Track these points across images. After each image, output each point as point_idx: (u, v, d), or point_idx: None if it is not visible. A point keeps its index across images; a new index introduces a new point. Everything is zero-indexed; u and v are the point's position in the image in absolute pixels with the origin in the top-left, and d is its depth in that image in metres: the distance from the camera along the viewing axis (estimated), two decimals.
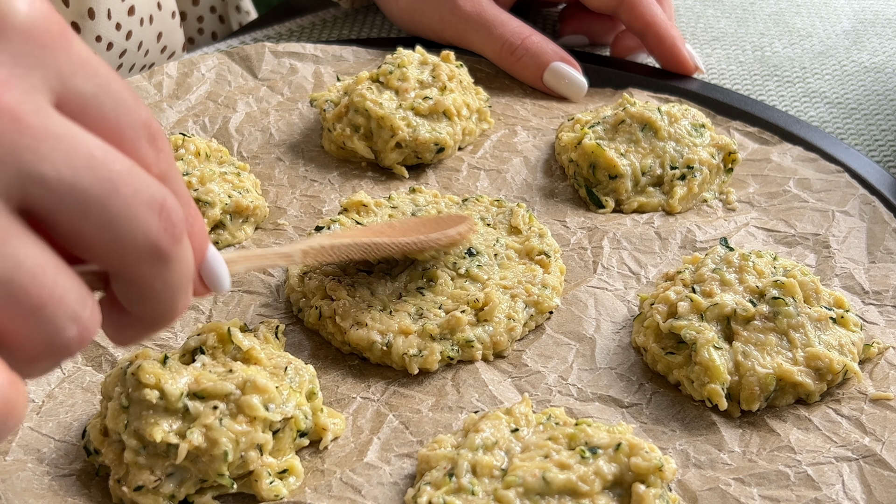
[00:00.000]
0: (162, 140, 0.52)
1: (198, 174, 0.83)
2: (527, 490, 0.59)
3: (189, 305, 0.54)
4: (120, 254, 0.48)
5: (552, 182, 0.90)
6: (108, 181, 0.47)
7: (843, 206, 0.86)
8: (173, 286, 0.51)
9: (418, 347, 0.72)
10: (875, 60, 1.12)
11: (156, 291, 0.50)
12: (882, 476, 0.65)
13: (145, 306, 0.51)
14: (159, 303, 0.51)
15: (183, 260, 0.51)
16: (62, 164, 0.46)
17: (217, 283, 0.56)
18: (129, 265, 0.49)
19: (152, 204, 0.48)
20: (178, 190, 0.53)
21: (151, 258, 0.49)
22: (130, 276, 0.50)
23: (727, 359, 0.69)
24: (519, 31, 1.00)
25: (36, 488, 0.64)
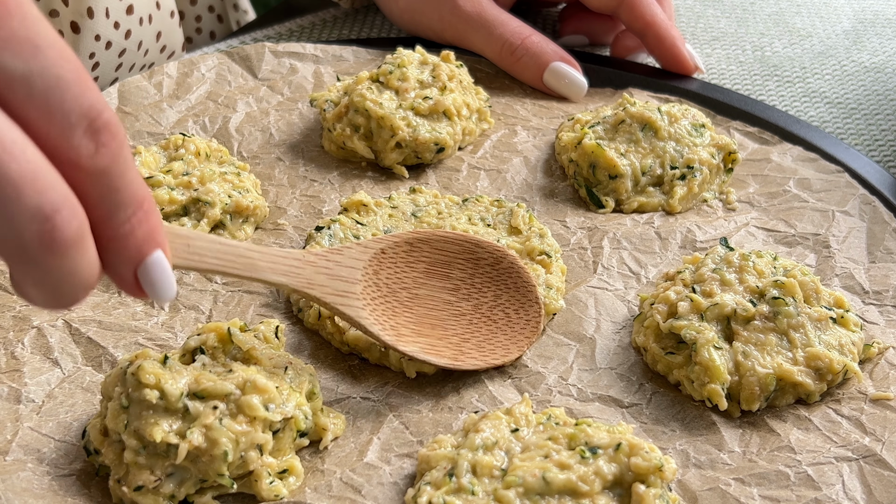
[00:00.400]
0: (107, 134, 0.50)
1: (198, 174, 0.83)
2: (527, 490, 0.59)
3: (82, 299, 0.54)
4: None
5: (552, 182, 0.90)
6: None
7: (843, 206, 0.86)
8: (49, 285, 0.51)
9: None
10: (875, 60, 1.12)
11: (30, 283, 0.51)
12: (882, 476, 0.65)
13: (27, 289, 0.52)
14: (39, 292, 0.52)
15: (62, 269, 0.50)
16: None
17: (153, 291, 0.55)
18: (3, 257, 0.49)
19: (36, 212, 0.47)
20: (118, 186, 0.51)
21: (20, 260, 0.49)
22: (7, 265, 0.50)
23: (727, 359, 0.69)
24: (519, 31, 1.00)
25: (36, 488, 0.64)
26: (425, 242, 0.74)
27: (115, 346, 0.74)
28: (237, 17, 1.27)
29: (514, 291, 0.75)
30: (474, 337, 0.73)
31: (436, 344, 0.72)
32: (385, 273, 0.72)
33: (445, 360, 0.71)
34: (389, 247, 0.72)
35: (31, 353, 0.73)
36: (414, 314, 0.72)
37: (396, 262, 0.72)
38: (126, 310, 0.77)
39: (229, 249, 0.64)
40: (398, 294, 0.72)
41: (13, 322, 0.75)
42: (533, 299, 0.75)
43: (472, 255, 0.75)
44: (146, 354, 0.65)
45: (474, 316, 0.74)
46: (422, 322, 0.72)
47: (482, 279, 0.75)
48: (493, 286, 0.74)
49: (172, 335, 0.75)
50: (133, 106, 0.97)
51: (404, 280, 0.73)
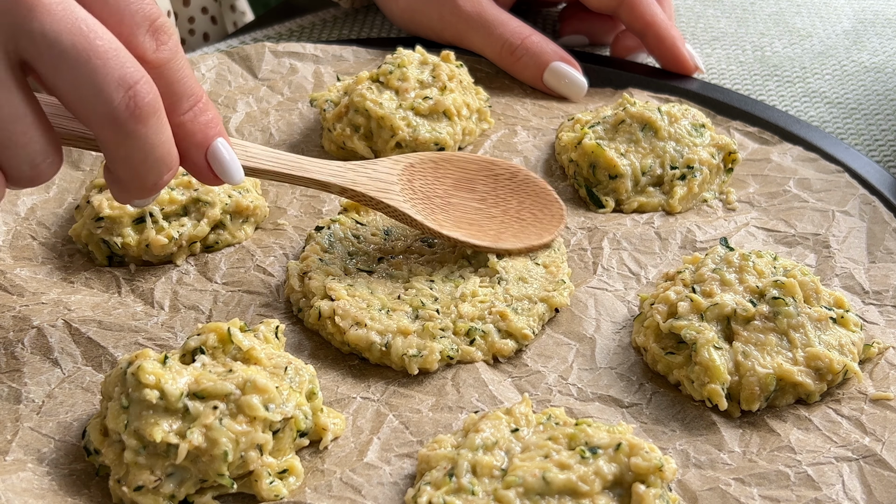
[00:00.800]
0: (164, 34, 0.60)
1: None
2: (527, 490, 0.59)
3: (168, 183, 0.63)
4: (85, 116, 0.58)
5: (552, 182, 0.90)
6: (84, 49, 0.56)
7: (843, 206, 0.86)
8: (138, 158, 0.60)
9: (417, 347, 0.72)
10: (875, 60, 1.12)
11: (120, 156, 0.60)
12: (882, 476, 0.65)
13: (118, 169, 0.61)
14: (128, 168, 0.61)
15: (148, 136, 0.59)
16: (49, 24, 0.56)
17: (224, 173, 0.65)
18: (93, 127, 0.59)
19: (121, 81, 0.57)
20: (177, 79, 0.62)
21: (111, 127, 0.58)
22: (98, 137, 0.60)
23: (727, 359, 0.69)
24: (519, 31, 1.00)
25: (36, 488, 0.64)
26: (447, 161, 0.81)
27: (115, 346, 0.74)
28: (234, 19, 1.27)
29: (535, 197, 0.82)
30: (509, 230, 0.80)
31: (475, 234, 0.78)
32: (418, 182, 0.78)
33: (487, 242, 0.78)
34: (418, 161, 0.80)
35: (31, 353, 0.73)
36: (450, 215, 0.79)
37: (426, 175, 0.79)
38: (126, 310, 0.77)
39: (280, 155, 0.73)
40: (433, 200, 0.78)
41: (13, 322, 0.75)
42: (553, 199, 0.82)
43: (490, 172, 0.82)
44: (146, 354, 0.65)
45: (504, 217, 0.80)
46: (459, 220, 0.79)
47: (504, 191, 0.82)
48: (514, 195, 0.82)
49: (172, 335, 0.75)
50: None
51: (436, 190, 0.79)
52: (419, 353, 0.72)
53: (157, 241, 0.79)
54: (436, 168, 0.80)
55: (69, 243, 0.83)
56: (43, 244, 0.83)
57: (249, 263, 0.82)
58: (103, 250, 0.81)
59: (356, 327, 0.73)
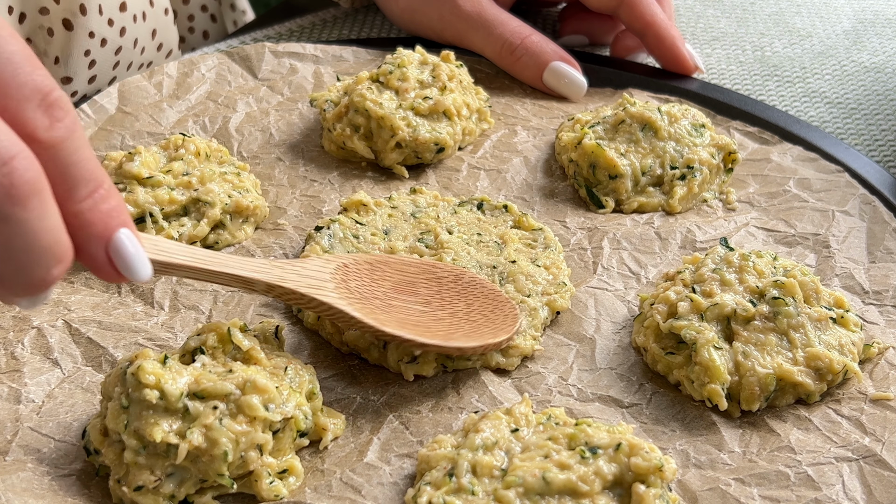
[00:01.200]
0: (59, 109, 0.52)
1: (198, 174, 0.83)
2: (527, 490, 0.59)
3: (59, 279, 0.54)
4: None
5: (552, 182, 0.90)
6: None
7: (843, 206, 0.86)
8: (17, 247, 0.51)
9: (413, 354, 0.72)
10: (875, 60, 1.12)
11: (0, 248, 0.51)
12: (882, 476, 0.65)
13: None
14: (9, 262, 0.52)
15: (28, 222, 0.51)
16: None
17: (127, 269, 0.57)
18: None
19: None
20: (74, 161, 0.53)
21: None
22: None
23: (727, 359, 0.69)
24: (518, 31, 1.00)
25: (36, 488, 0.64)
26: (384, 264, 0.74)
27: (115, 346, 0.74)
28: (234, 18, 1.27)
29: (483, 299, 0.74)
30: (460, 330, 0.72)
31: (423, 334, 0.71)
32: (353, 283, 0.71)
33: (437, 341, 0.70)
34: (352, 262, 0.72)
35: (31, 353, 0.73)
36: (392, 317, 0.71)
37: (361, 277, 0.72)
38: (126, 310, 0.77)
39: (197, 251, 0.65)
40: (372, 301, 0.71)
41: (13, 322, 0.75)
42: (503, 300, 0.74)
43: (432, 275, 0.75)
44: (146, 354, 0.65)
45: (453, 320, 0.73)
46: (404, 321, 0.71)
47: (449, 294, 0.74)
48: (461, 298, 0.74)
49: (172, 335, 0.75)
50: (133, 106, 0.97)
51: (375, 293, 0.72)
52: (414, 360, 0.71)
53: None
54: (372, 270, 0.73)
55: None
56: None
57: None
58: None
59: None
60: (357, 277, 0.72)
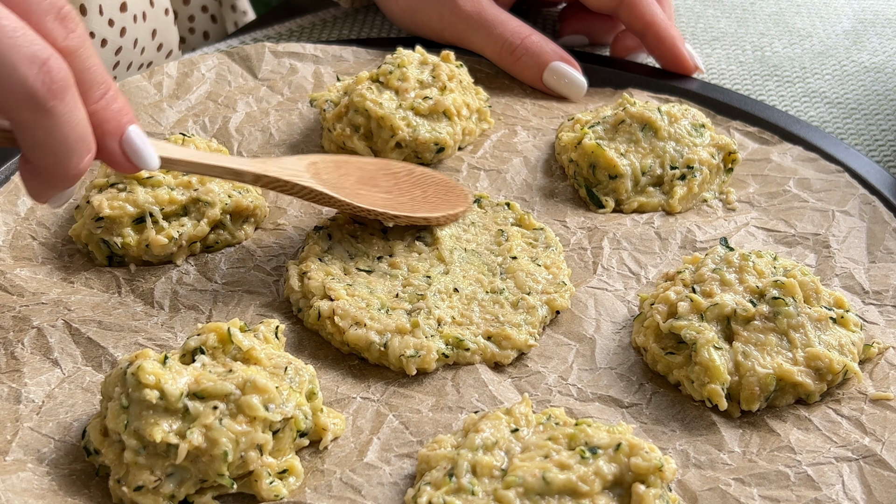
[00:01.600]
0: (72, 21, 0.61)
1: None
2: (527, 490, 0.59)
3: (87, 170, 0.63)
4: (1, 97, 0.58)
5: (552, 182, 0.90)
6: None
7: (843, 206, 0.86)
8: (58, 138, 0.60)
9: (415, 348, 0.72)
10: (875, 60, 1.12)
11: (40, 140, 0.60)
12: (882, 476, 0.65)
13: (36, 155, 0.61)
14: (47, 153, 0.61)
15: (66, 114, 0.59)
16: None
17: (139, 159, 0.66)
18: (11, 111, 0.59)
19: (33, 58, 0.57)
20: (88, 66, 0.62)
21: (29, 105, 0.58)
22: (15, 123, 0.59)
23: (727, 359, 0.69)
24: (518, 31, 1.00)
25: (36, 488, 0.64)
26: (346, 162, 0.83)
27: (115, 346, 0.74)
28: (235, 18, 1.27)
29: (436, 186, 0.84)
30: (421, 209, 0.81)
31: (391, 208, 0.80)
32: (325, 176, 0.79)
33: (406, 212, 0.79)
34: (320, 160, 0.81)
35: (31, 353, 0.73)
36: (363, 199, 0.79)
37: (330, 172, 0.80)
38: (126, 310, 0.77)
39: (193, 151, 0.75)
40: (342, 190, 0.79)
41: (13, 322, 0.75)
42: (453, 185, 0.85)
43: (388, 170, 0.84)
44: (146, 354, 0.65)
45: (413, 202, 0.82)
46: (373, 203, 0.80)
47: (406, 184, 0.84)
48: (417, 187, 0.84)
49: (172, 335, 0.75)
50: (133, 106, 0.97)
51: (343, 184, 0.80)
52: (416, 353, 0.72)
53: (157, 241, 0.79)
54: (337, 167, 0.81)
55: (69, 243, 0.83)
56: (43, 244, 0.83)
57: (249, 263, 0.82)
58: (103, 250, 0.81)
59: (355, 327, 0.73)
60: (326, 172, 0.80)
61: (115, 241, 0.79)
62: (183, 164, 0.73)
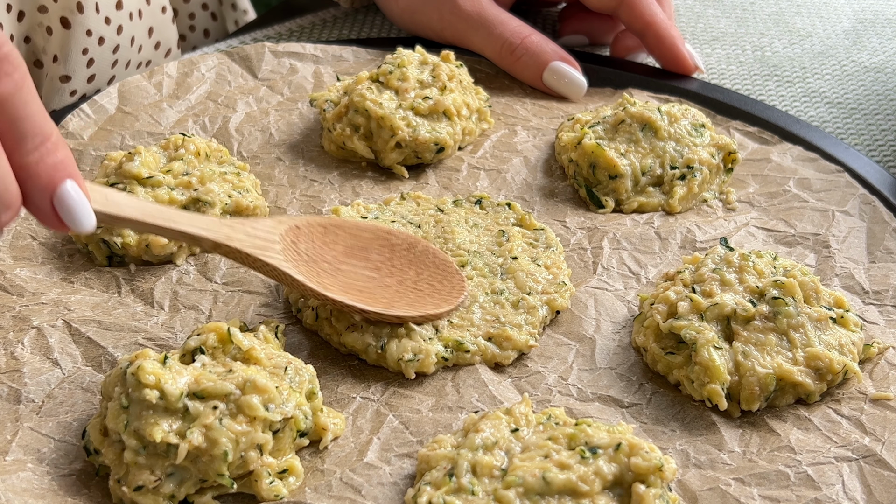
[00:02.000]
0: (9, 64, 0.56)
1: (198, 174, 0.83)
2: (527, 490, 0.59)
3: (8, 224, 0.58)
4: None
5: (552, 182, 0.90)
6: None
7: (843, 206, 0.86)
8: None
9: (413, 351, 0.72)
10: (875, 60, 1.12)
11: None
12: (882, 476, 0.65)
13: None
14: None
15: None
16: None
17: (71, 220, 0.60)
18: None
19: None
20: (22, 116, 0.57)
21: None
22: None
23: (727, 359, 0.69)
24: (518, 31, 1.00)
25: (36, 488, 0.64)
26: (339, 228, 0.75)
27: (115, 346, 0.74)
28: (236, 17, 1.27)
29: (433, 269, 0.76)
30: (404, 299, 0.73)
31: (366, 300, 0.72)
32: (304, 245, 0.72)
33: (378, 308, 0.71)
34: (305, 224, 0.73)
35: (31, 353, 0.73)
36: (338, 280, 0.72)
37: (313, 239, 0.73)
38: (126, 310, 0.77)
39: (147, 205, 0.67)
40: (320, 264, 0.72)
41: (13, 322, 0.75)
42: (453, 271, 0.76)
43: (386, 242, 0.76)
44: (146, 354, 0.65)
45: (399, 287, 0.74)
46: (348, 287, 0.72)
47: (401, 261, 0.76)
48: (412, 266, 0.76)
49: (172, 335, 0.75)
50: (133, 106, 0.97)
51: (325, 255, 0.73)
52: (415, 357, 0.71)
53: (157, 241, 0.79)
54: (325, 234, 0.74)
55: (69, 243, 0.83)
56: (43, 244, 0.83)
57: None
58: (103, 250, 0.81)
59: (352, 328, 0.73)
60: (308, 240, 0.73)
61: (115, 241, 0.79)
62: (131, 224, 0.66)
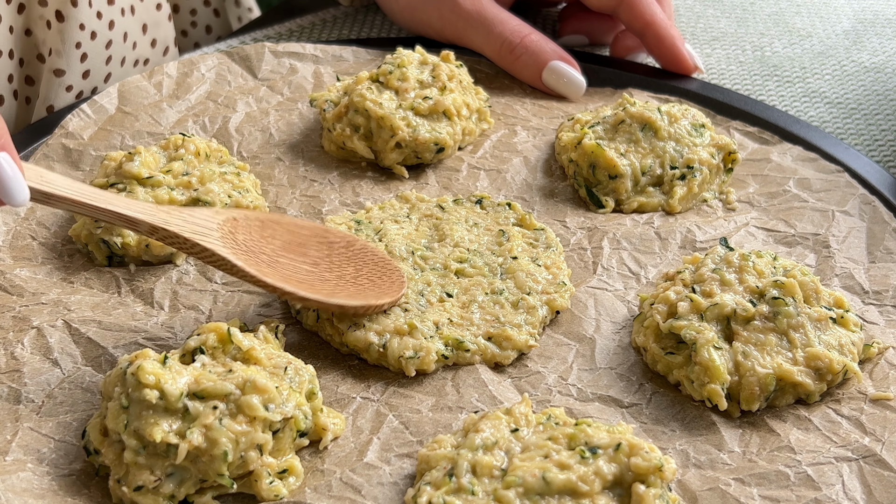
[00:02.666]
0: None
1: (198, 174, 0.83)
2: (527, 490, 0.59)
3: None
4: None
5: (552, 182, 0.90)
6: None
7: (843, 206, 0.86)
8: None
9: (414, 349, 0.72)
10: (875, 60, 1.12)
11: None
12: (882, 476, 0.65)
13: None
14: None
15: None
16: None
17: (4, 193, 0.63)
18: None
19: None
20: None
21: None
22: None
23: (727, 359, 0.69)
24: (518, 30, 1.00)
25: (36, 488, 0.64)
26: (276, 223, 0.75)
27: (115, 346, 0.74)
28: (238, 14, 1.27)
29: (372, 266, 0.76)
30: (344, 291, 0.73)
31: (306, 290, 0.71)
32: (242, 236, 0.72)
33: (319, 296, 0.71)
34: (242, 217, 0.73)
35: (31, 354, 0.73)
36: (278, 272, 0.71)
37: (251, 232, 0.72)
38: (126, 310, 0.77)
39: (85, 187, 0.68)
40: (259, 255, 0.71)
41: (13, 322, 0.75)
42: (393, 268, 0.76)
43: (324, 239, 0.76)
44: (146, 354, 0.65)
45: (339, 282, 0.74)
46: (288, 277, 0.71)
47: (339, 258, 0.75)
48: (351, 264, 0.75)
49: (172, 335, 0.75)
50: (133, 106, 0.97)
51: (263, 248, 0.72)
52: (416, 354, 0.72)
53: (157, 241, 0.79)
54: (262, 228, 0.73)
55: (69, 243, 0.83)
56: (43, 244, 0.83)
57: None
58: (103, 250, 0.81)
59: (354, 327, 0.73)
60: (246, 232, 0.72)
61: (115, 241, 0.79)
62: (66, 203, 0.66)
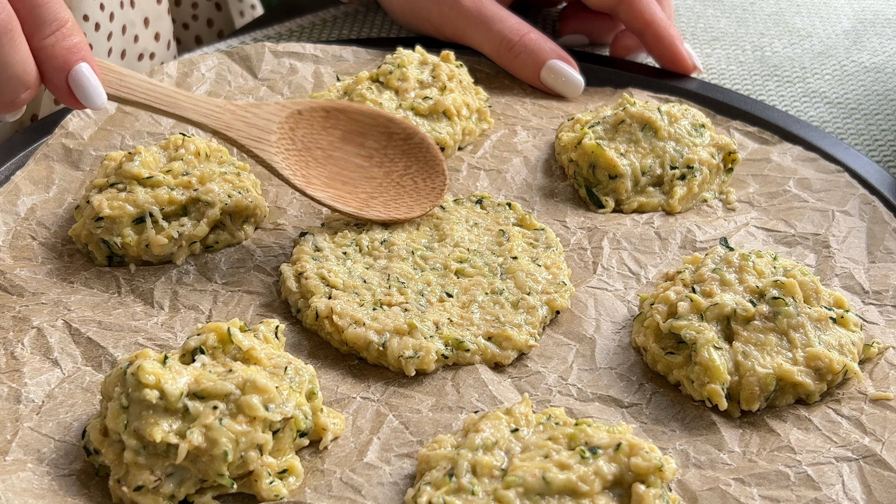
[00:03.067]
0: None
1: (198, 174, 0.83)
2: (527, 490, 0.59)
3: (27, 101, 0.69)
4: None
5: (552, 182, 0.90)
6: None
7: (843, 206, 0.86)
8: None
9: (414, 349, 0.72)
10: (875, 60, 1.12)
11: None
12: (882, 476, 0.65)
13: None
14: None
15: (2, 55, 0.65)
16: None
17: (84, 97, 0.70)
18: None
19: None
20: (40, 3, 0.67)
21: None
22: None
23: (727, 359, 0.69)
24: (517, 28, 1.00)
25: (36, 488, 0.64)
26: (342, 112, 0.80)
27: (115, 346, 0.74)
28: (240, 8, 1.27)
29: (423, 163, 0.82)
30: (382, 196, 0.80)
31: (344, 196, 0.79)
32: (301, 132, 0.78)
33: (351, 209, 0.79)
34: (307, 109, 0.79)
35: (31, 353, 0.73)
36: (326, 170, 0.79)
37: (313, 125, 0.79)
38: (126, 310, 0.77)
39: (157, 88, 0.76)
40: (313, 152, 0.78)
41: (13, 322, 0.75)
42: (440, 171, 0.82)
43: (385, 129, 0.82)
44: (146, 354, 0.65)
45: (384, 180, 0.81)
46: (333, 177, 0.78)
47: (394, 151, 0.82)
48: (404, 157, 0.82)
49: (172, 335, 0.75)
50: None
51: (320, 142, 0.79)
52: (415, 354, 0.72)
53: (157, 241, 0.79)
54: (326, 118, 0.80)
55: (69, 243, 0.83)
56: (43, 244, 0.83)
57: (249, 263, 0.82)
58: (103, 250, 0.81)
59: (354, 326, 0.73)
60: (308, 125, 0.79)
61: (115, 241, 0.79)
62: (139, 106, 0.76)
